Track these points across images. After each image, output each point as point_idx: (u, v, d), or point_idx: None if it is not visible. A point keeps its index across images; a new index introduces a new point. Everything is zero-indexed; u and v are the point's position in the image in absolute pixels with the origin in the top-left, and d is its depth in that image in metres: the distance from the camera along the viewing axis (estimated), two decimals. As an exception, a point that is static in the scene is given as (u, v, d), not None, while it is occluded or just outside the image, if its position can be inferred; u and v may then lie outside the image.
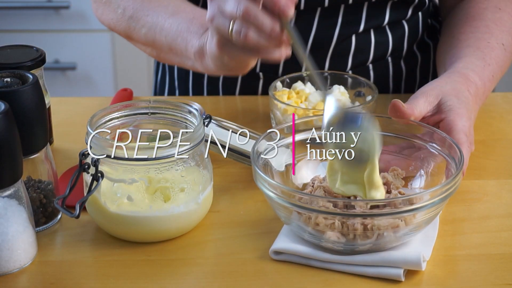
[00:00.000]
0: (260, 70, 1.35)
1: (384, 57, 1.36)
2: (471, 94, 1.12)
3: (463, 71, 1.15)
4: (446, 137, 1.01)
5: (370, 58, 1.35)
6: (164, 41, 1.15)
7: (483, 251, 0.97)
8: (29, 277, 0.93)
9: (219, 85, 1.39)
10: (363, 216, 0.91)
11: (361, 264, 0.92)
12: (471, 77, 1.14)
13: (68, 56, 2.62)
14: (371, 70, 1.36)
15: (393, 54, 1.37)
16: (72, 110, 1.32)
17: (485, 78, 1.17)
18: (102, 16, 1.27)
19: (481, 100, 1.16)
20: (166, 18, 1.15)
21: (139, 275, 0.93)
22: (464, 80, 1.13)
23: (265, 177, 0.94)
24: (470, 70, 1.16)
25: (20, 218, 0.93)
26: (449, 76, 1.14)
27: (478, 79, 1.15)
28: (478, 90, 1.14)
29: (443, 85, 1.11)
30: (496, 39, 1.22)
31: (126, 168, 0.97)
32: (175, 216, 0.97)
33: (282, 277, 0.93)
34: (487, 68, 1.18)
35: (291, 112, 1.17)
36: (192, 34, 1.09)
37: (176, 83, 1.43)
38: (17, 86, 0.97)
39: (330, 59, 1.33)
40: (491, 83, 1.18)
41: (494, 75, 1.19)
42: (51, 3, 2.55)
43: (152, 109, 1.05)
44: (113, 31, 1.27)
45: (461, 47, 1.22)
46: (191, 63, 1.12)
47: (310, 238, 0.94)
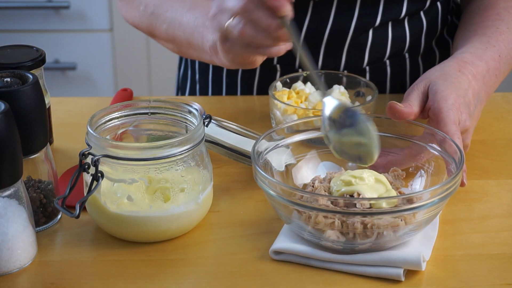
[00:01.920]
0: (277, 62, 1.35)
1: (401, 53, 1.35)
2: (465, 73, 1.11)
3: (459, 56, 1.15)
4: (446, 137, 1.01)
5: (387, 54, 1.34)
6: (183, 36, 1.17)
7: (483, 251, 0.97)
8: (29, 277, 0.93)
9: (237, 78, 1.39)
10: (363, 214, 0.91)
11: (361, 263, 0.92)
12: (466, 58, 1.14)
13: (68, 56, 2.62)
14: (388, 66, 1.35)
15: (410, 50, 1.36)
16: (72, 110, 1.32)
17: (488, 58, 1.15)
18: (126, 14, 1.30)
19: (489, 78, 1.15)
20: (184, 13, 1.17)
21: (139, 275, 0.93)
22: (456, 63, 1.13)
23: (266, 175, 0.94)
24: (468, 53, 1.15)
25: (20, 218, 0.93)
26: (442, 63, 1.14)
27: (476, 59, 1.14)
28: (477, 68, 1.13)
29: (433, 72, 1.11)
30: (506, 25, 1.22)
31: (126, 168, 0.97)
32: (175, 216, 0.97)
33: (282, 277, 0.93)
34: (491, 49, 1.17)
35: (291, 112, 1.17)
36: (207, 28, 1.11)
37: (197, 77, 1.44)
38: (17, 86, 0.97)
39: (347, 53, 1.32)
40: (497, 62, 1.17)
41: (501, 55, 1.17)
42: (51, 3, 2.55)
43: (152, 109, 1.05)
44: (138, 29, 1.30)
45: (468, 37, 1.21)
46: (208, 57, 1.14)
47: (310, 237, 0.94)
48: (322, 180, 1.02)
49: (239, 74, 1.39)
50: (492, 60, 1.16)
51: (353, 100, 1.24)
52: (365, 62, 1.33)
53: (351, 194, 0.96)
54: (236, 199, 1.07)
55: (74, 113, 1.31)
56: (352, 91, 1.25)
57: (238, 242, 0.98)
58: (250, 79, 1.38)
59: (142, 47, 2.62)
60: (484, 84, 1.13)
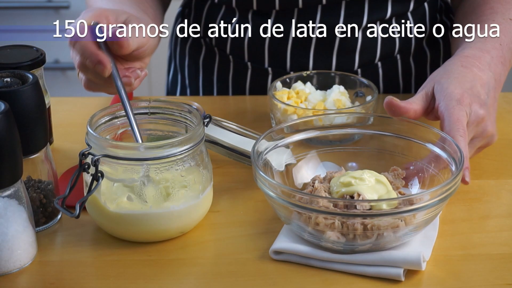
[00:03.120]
0: (268, 66, 1.35)
1: (392, 54, 1.36)
2: (468, 67, 1.11)
3: (460, 53, 1.15)
4: (446, 137, 1.01)
5: (377, 55, 1.34)
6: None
7: (483, 251, 0.97)
8: (29, 277, 0.93)
9: (229, 82, 1.39)
10: (363, 216, 0.91)
11: (361, 263, 0.92)
12: (467, 53, 1.14)
13: (68, 56, 2.60)
14: (380, 68, 1.35)
15: (401, 51, 1.36)
16: (72, 110, 1.32)
17: (489, 47, 1.15)
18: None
19: (495, 65, 1.14)
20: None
21: (139, 275, 0.93)
22: (458, 60, 1.13)
23: (266, 177, 0.94)
24: (468, 48, 1.15)
25: (20, 218, 0.93)
26: (445, 63, 1.14)
27: (478, 52, 1.14)
28: (480, 60, 1.13)
29: (437, 73, 1.11)
30: (502, 16, 1.21)
31: (126, 168, 0.97)
32: (175, 216, 0.97)
33: (282, 277, 0.93)
34: (491, 39, 1.17)
35: (291, 112, 1.17)
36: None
37: (187, 82, 1.44)
38: (17, 86, 0.97)
39: (337, 55, 1.33)
40: (499, 51, 1.16)
41: (502, 44, 1.17)
42: (51, 3, 2.55)
43: (152, 109, 1.05)
44: None
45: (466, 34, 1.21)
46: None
47: (310, 237, 0.94)
48: (322, 180, 1.02)
49: (230, 77, 1.39)
50: (494, 49, 1.16)
51: (353, 100, 1.24)
52: (356, 64, 1.33)
53: (351, 195, 0.96)
54: (236, 199, 1.07)
55: (74, 113, 1.31)
56: (352, 91, 1.25)
57: (238, 242, 0.98)
58: (242, 83, 1.38)
59: (142, 47, 2.62)
60: (492, 72, 1.13)
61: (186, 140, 0.96)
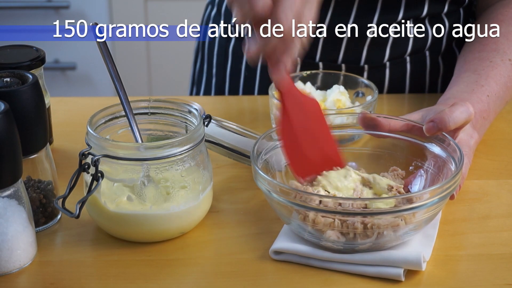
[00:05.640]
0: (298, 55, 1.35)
1: (422, 50, 1.36)
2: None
3: (443, 103, 1.13)
4: (446, 137, 1.01)
5: (408, 50, 1.35)
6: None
7: (483, 251, 0.97)
8: (29, 277, 0.93)
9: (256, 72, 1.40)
10: (363, 214, 0.91)
11: (361, 263, 0.92)
12: (450, 102, 1.11)
13: (68, 56, 2.62)
14: (408, 62, 1.36)
15: (431, 48, 1.36)
16: (72, 110, 1.32)
17: (474, 101, 1.13)
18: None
19: (476, 121, 1.12)
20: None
21: (139, 275, 0.93)
22: None
23: (265, 176, 0.94)
24: (453, 99, 1.13)
25: (20, 218, 0.93)
26: (430, 108, 1.11)
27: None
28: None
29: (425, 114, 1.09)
30: (501, 56, 1.20)
31: (126, 168, 0.97)
32: (175, 215, 0.97)
33: (282, 277, 0.93)
34: (478, 90, 1.15)
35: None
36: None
37: (214, 71, 1.45)
38: (17, 86, 0.97)
39: (368, 48, 1.33)
40: (485, 104, 1.15)
41: (489, 95, 1.16)
42: (51, 3, 2.55)
43: (152, 109, 1.05)
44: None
45: (460, 73, 1.21)
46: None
47: (310, 237, 0.94)
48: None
49: (259, 68, 1.39)
50: (479, 102, 1.14)
51: (353, 100, 1.24)
52: (386, 58, 1.34)
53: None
54: (236, 199, 1.07)
55: (74, 113, 1.31)
56: (352, 91, 1.25)
57: (238, 242, 0.99)
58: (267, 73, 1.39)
59: (142, 47, 2.62)
60: (472, 128, 1.12)
61: (186, 140, 0.96)
